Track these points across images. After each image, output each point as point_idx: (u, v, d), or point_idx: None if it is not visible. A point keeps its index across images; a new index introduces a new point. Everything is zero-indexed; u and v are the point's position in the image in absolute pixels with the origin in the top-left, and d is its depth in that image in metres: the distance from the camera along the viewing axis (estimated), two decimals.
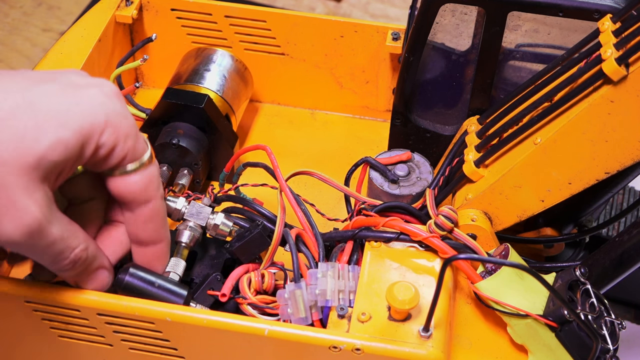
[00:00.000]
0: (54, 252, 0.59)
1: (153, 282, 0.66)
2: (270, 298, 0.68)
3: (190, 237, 0.72)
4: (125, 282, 0.65)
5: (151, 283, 0.66)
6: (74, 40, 0.90)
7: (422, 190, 0.76)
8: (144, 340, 0.67)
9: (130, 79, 1.00)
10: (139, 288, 0.65)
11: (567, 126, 0.65)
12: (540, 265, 0.77)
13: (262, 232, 0.70)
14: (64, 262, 0.60)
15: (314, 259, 0.69)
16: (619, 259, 0.67)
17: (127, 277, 0.65)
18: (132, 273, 0.65)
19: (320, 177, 0.72)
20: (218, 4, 0.94)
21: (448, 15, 0.80)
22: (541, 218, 0.78)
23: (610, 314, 0.65)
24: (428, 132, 0.84)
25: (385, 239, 0.69)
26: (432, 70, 0.83)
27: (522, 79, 0.80)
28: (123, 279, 0.65)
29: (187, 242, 0.72)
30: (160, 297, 0.66)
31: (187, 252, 0.72)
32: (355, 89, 0.97)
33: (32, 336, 0.70)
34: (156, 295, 0.66)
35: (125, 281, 0.65)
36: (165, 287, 0.66)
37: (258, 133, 0.98)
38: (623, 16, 0.64)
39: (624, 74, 0.61)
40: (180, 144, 0.84)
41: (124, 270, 0.65)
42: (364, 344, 0.62)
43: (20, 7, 1.34)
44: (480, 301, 0.67)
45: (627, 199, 0.87)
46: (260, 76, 0.97)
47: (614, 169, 0.66)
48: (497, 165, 0.71)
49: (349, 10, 1.37)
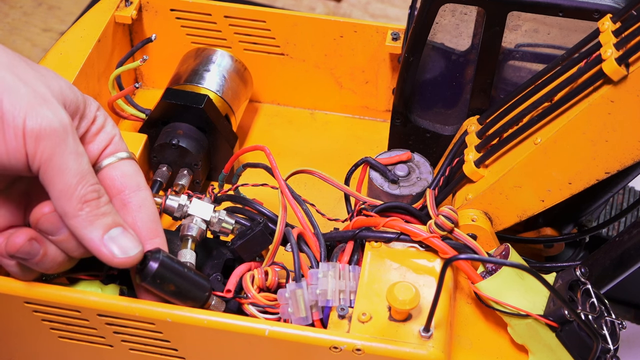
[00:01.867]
0: (80, 167, 0.59)
1: (182, 272, 0.64)
2: (273, 296, 0.68)
3: (196, 230, 0.72)
4: (157, 269, 0.62)
5: (180, 273, 0.63)
6: (73, 40, 0.90)
7: (422, 191, 0.76)
8: (144, 341, 0.67)
9: (130, 80, 1.00)
10: (169, 277, 0.63)
11: (567, 126, 0.65)
12: (540, 265, 0.77)
13: (264, 230, 0.70)
14: (88, 186, 0.60)
15: (315, 259, 0.69)
16: (619, 259, 0.67)
17: (159, 264, 0.62)
18: (163, 260, 0.62)
19: (320, 176, 0.72)
20: (218, 4, 0.94)
21: (448, 15, 0.80)
22: (541, 218, 0.78)
23: (611, 314, 0.65)
24: (428, 132, 0.84)
25: (386, 239, 0.69)
26: (432, 70, 0.83)
27: (522, 79, 0.80)
28: (154, 267, 0.62)
29: (194, 235, 0.71)
30: (187, 287, 0.64)
31: (195, 245, 0.71)
32: (355, 89, 0.97)
33: (32, 337, 0.70)
34: (184, 285, 0.64)
35: (156, 268, 0.62)
36: (192, 278, 0.65)
37: (258, 133, 0.98)
38: (623, 16, 0.64)
39: (624, 73, 0.61)
40: (180, 145, 0.84)
41: (154, 257, 0.62)
42: (364, 344, 0.62)
43: (20, 7, 1.34)
44: (480, 301, 0.67)
45: (627, 199, 0.87)
46: (260, 76, 0.97)
47: (614, 169, 0.66)
48: (497, 165, 0.71)
49: (349, 10, 1.37)
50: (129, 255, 0.61)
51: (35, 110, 0.58)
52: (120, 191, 0.64)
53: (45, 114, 0.58)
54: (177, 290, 0.64)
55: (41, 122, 0.58)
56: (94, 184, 0.60)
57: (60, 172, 0.59)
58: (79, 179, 0.59)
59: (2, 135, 0.58)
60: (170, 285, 0.64)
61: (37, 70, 0.61)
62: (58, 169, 0.59)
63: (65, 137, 0.59)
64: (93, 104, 0.65)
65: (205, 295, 0.66)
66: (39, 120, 0.58)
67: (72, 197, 0.59)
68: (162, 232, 0.66)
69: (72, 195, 0.59)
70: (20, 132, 0.58)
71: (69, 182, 0.59)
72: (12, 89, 0.58)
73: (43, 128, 0.58)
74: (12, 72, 0.59)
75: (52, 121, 0.58)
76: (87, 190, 0.60)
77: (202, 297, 0.66)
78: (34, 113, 0.58)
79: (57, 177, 0.59)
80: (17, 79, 0.59)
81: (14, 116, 0.57)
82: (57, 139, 0.58)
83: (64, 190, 0.59)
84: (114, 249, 0.61)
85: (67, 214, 0.60)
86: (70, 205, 0.60)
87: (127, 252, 0.61)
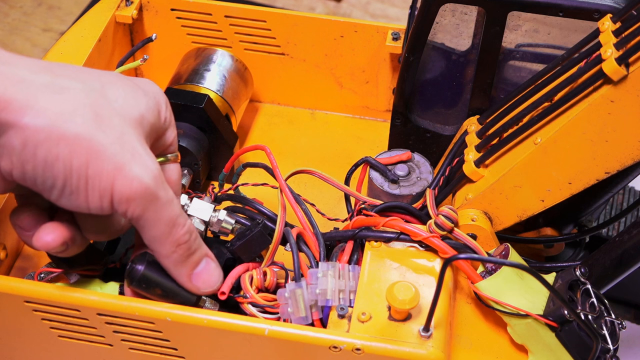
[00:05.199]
0: (171, 215, 0.58)
1: (169, 276, 0.64)
2: (271, 296, 0.68)
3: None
4: (142, 272, 0.63)
5: (167, 274, 0.64)
6: (74, 40, 0.90)
7: (422, 190, 0.76)
8: (144, 340, 0.67)
9: None
10: (155, 280, 0.64)
11: (567, 126, 0.65)
12: (540, 265, 0.77)
13: (263, 231, 0.70)
14: (181, 230, 0.59)
15: (315, 259, 0.69)
16: (619, 259, 0.67)
17: (145, 267, 0.63)
18: (150, 262, 0.63)
19: (320, 176, 0.72)
20: (218, 4, 0.94)
21: (448, 15, 0.80)
22: (541, 218, 0.78)
23: (611, 314, 0.65)
24: (428, 132, 0.84)
25: (386, 238, 0.69)
26: (432, 70, 0.83)
27: (522, 79, 0.80)
28: (140, 270, 0.63)
29: None
30: (175, 290, 0.65)
31: None
32: (355, 89, 0.97)
33: (32, 336, 0.70)
34: (171, 288, 0.64)
35: (142, 272, 0.63)
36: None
37: (258, 133, 0.98)
38: (623, 16, 0.64)
39: (624, 73, 0.61)
40: (180, 144, 0.84)
41: (140, 260, 0.63)
42: (364, 343, 0.62)
43: (20, 7, 1.35)
44: (480, 301, 0.67)
45: (627, 199, 0.87)
46: (260, 76, 0.97)
47: (614, 169, 0.66)
48: (497, 165, 0.71)
49: (349, 10, 1.37)
50: (212, 287, 0.65)
51: (124, 171, 0.55)
52: None
53: (136, 174, 0.55)
54: (163, 294, 0.65)
55: (131, 184, 0.55)
56: (184, 225, 0.60)
57: (153, 224, 0.58)
58: (171, 226, 0.59)
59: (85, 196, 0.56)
60: (157, 289, 0.64)
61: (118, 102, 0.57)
62: (150, 222, 0.58)
63: (156, 192, 0.57)
64: (163, 105, 0.62)
65: (194, 298, 0.66)
66: (129, 182, 0.55)
67: (166, 242, 0.60)
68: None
69: (166, 241, 0.60)
70: (108, 196, 0.56)
71: (161, 231, 0.59)
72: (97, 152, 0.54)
73: (134, 190, 0.56)
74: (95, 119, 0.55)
75: (143, 179, 0.56)
76: (180, 234, 0.60)
77: (191, 300, 0.66)
78: (123, 174, 0.55)
79: (149, 228, 0.59)
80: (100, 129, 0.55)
81: (100, 180, 0.55)
82: (148, 197, 0.56)
83: (157, 237, 0.59)
84: (199, 284, 0.64)
85: (160, 254, 0.61)
86: (163, 249, 0.60)
87: (210, 284, 0.65)
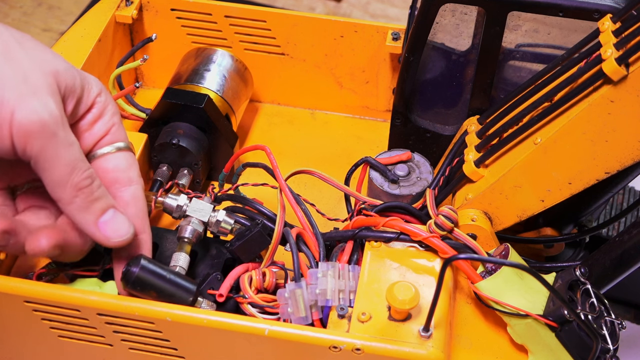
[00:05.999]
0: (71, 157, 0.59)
1: (164, 276, 0.65)
2: (271, 297, 0.68)
3: (192, 232, 0.72)
4: (137, 275, 0.64)
5: (162, 277, 0.64)
6: (74, 40, 0.90)
7: (422, 190, 0.76)
8: (144, 340, 0.67)
9: (130, 79, 1.00)
10: (150, 282, 0.64)
11: (567, 126, 0.65)
12: (540, 265, 0.77)
13: (262, 231, 0.70)
14: (82, 174, 0.60)
15: (315, 259, 0.69)
16: (619, 259, 0.67)
17: (139, 269, 0.64)
18: (144, 266, 0.64)
19: (320, 176, 0.72)
20: (218, 4, 0.94)
21: (448, 15, 0.80)
22: (541, 218, 0.78)
23: (611, 314, 0.65)
24: (428, 132, 0.84)
25: (386, 238, 0.69)
26: (432, 70, 0.83)
27: (522, 79, 0.80)
28: (135, 272, 0.64)
29: (189, 238, 0.72)
30: (170, 291, 0.65)
31: (189, 248, 0.72)
32: (355, 89, 0.97)
33: (32, 336, 0.70)
34: (166, 289, 0.65)
35: (136, 274, 0.64)
36: (175, 282, 0.65)
37: (258, 133, 0.98)
38: (623, 16, 0.64)
39: (624, 73, 0.61)
40: (180, 144, 0.84)
41: (135, 263, 0.64)
42: (364, 343, 0.62)
43: (20, 7, 1.35)
44: (480, 301, 0.67)
45: (627, 199, 0.87)
46: (260, 76, 0.97)
47: (614, 169, 0.66)
48: (497, 165, 0.71)
49: (349, 10, 1.37)
50: (122, 237, 0.63)
51: (24, 103, 0.57)
52: (111, 185, 0.65)
53: (34, 107, 0.58)
54: (158, 296, 0.65)
55: (29, 116, 0.57)
56: (86, 169, 0.61)
57: (52, 164, 0.59)
58: (71, 169, 0.60)
59: None
60: (152, 292, 0.65)
61: (31, 51, 0.61)
62: (50, 161, 0.59)
63: (55, 130, 0.59)
64: (94, 89, 0.64)
65: (190, 299, 0.66)
66: (27, 114, 0.57)
67: (66, 186, 0.60)
68: (148, 228, 0.67)
69: (66, 184, 0.60)
70: (8, 126, 0.58)
71: (61, 172, 0.60)
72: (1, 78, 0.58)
73: (32, 122, 0.57)
74: (5, 56, 0.59)
75: (42, 114, 0.58)
76: (80, 178, 0.60)
77: (187, 301, 0.66)
78: (23, 106, 0.57)
79: (49, 169, 0.59)
80: (8, 64, 0.58)
81: (1, 109, 0.57)
82: (46, 132, 0.58)
83: (57, 180, 0.60)
84: (107, 232, 0.63)
85: (63, 201, 0.61)
86: (64, 193, 0.60)
87: (120, 234, 0.63)
